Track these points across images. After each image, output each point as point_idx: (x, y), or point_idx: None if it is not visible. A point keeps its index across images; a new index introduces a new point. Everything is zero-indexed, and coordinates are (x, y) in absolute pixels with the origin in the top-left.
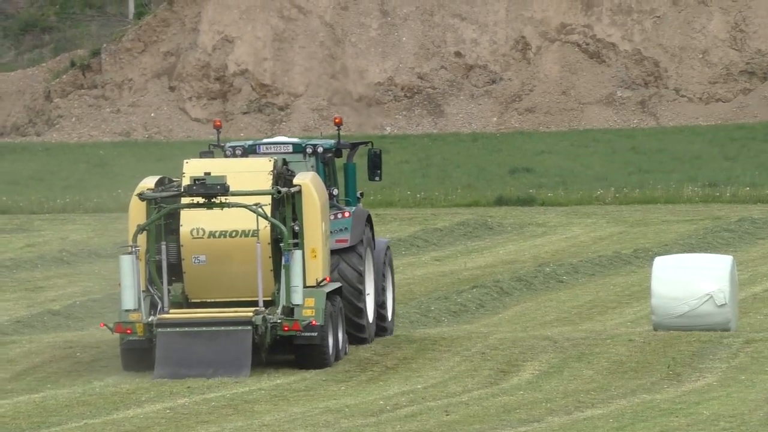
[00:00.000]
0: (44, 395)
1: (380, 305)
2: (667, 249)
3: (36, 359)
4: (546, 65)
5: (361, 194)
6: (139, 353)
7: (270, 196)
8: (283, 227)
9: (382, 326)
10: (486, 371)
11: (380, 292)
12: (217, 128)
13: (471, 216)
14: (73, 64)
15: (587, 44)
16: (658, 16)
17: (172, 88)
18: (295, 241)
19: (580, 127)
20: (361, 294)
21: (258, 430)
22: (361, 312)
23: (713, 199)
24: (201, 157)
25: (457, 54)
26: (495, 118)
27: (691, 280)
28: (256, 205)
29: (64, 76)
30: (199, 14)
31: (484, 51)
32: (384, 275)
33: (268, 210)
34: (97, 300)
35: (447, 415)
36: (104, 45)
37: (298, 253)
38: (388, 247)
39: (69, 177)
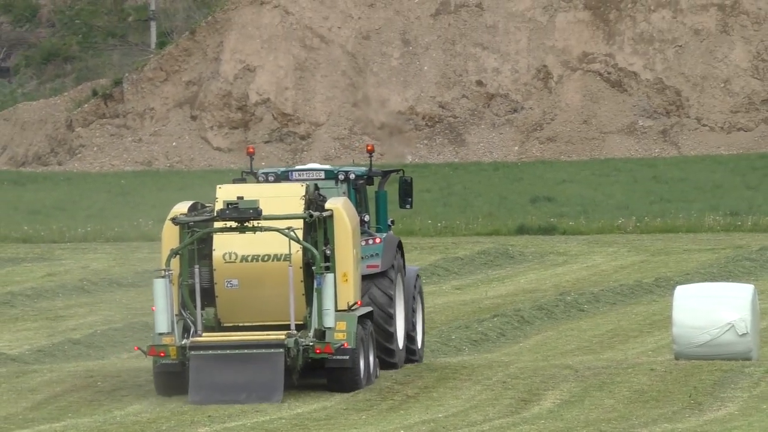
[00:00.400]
0: (65, 424)
1: (410, 332)
2: (688, 278)
3: (57, 388)
4: (567, 94)
5: (392, 222)
6: (173, 377)
7: (302, 221)
8: (314, 250)
9: (411, 350)
10: (507, 400)
11: (410, 319)
12: (251, 155)
13: (492, 245)
14: (95, 94)
15: (609, 73)
16: (680, 45)
17: (193, 118)
18: (327, 264)
19: (601, 156)
20: (391, 318)
21: None
22: (392, 336)
23: (734, 228)
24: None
25: (479, 83)
26: (516, 147)
27: (712, 309)
28: (288, 228)
29: (86, 106)
30: (221, 43)
31: (506, 80)
32: (414, 302)
33: (300, 234)
34: (118, 329)
35: None
36: (126, 74)
37: (330, 277)
38: (418, 276)
39: (90, 206)
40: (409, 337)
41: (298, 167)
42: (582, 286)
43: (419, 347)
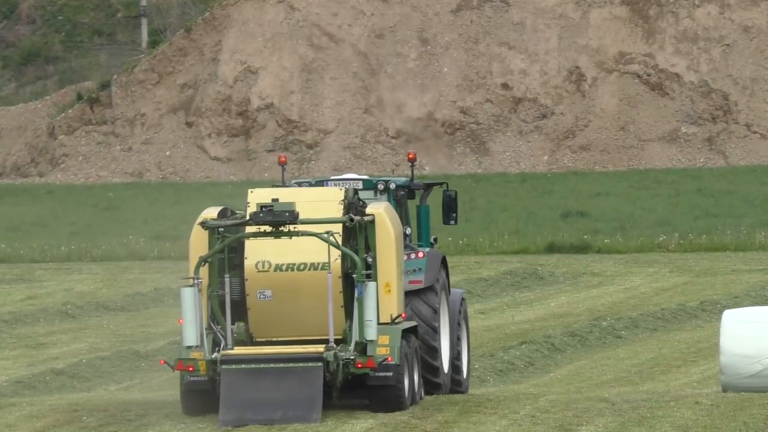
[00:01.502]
0: None
1: (455, 360)
2: (737, 301)
3: (38, 424)
4: (602, 98)
5: (435, 239)
6: (202, 395)
7: (342, 226)
8: (355, 256)
9: (456, 380)
10: None
11: (455, 345)
12: (282, 164)
13: (519, 264)
14: (79, 98)
15: (648, 75)
16: (728, 44)
17: (189, 124)
18: (368, 272)
19: (640, 167)
20: (436, 333)
21: None
22: (437, 352)
23: None
24: None
25: (504, 86)
26: (546, 157)
27: (764, 335)
28: (327, 233)
29: (70, 111)
30: (220, 42)
31: (534, 83)
32: (459, 328)
33: (339, 240)
34: (106, 358)
35: None
36: (114, 76)
37: (371, 285)
38: (463, 299)
39: (75, 222)
40: (454, 366)
41: (333, 177)
42: (619, 310)
43: (464, 377)
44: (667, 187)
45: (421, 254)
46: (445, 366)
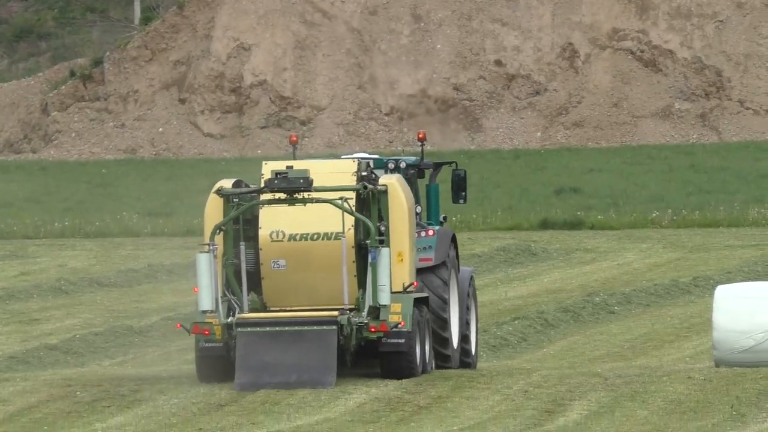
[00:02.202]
0: None
1: (463, 338)
2: (730, 277)
3: (31, 399)
4: (596, 75)
5: (444, 218)
6: (216, 361)
7: (355, 196)
8: (368, 222)
9: (465, 362)
10: (529, 411)
11: (464, 323)
12: (294, 144)
13: (512, 241)
14: (72, 74)
15: (642, 51)
16: (721, 21)
17: (182, 101)
18: (382, 238)
19: (633, 143)
20: (446, 304)
21: None
22: (446, 323)
23: None
24: None
25: (497, 63)
26: (539, 133)
27: (756, 311)
28: (341, 199)
29: (63, 88)
30: (213, 19)
31: (527, 59)
32: (468, 306)
33: (352, 209)
34: (99, 334)
35: None
36: (107, 53)
37: (385, 251)
38: (472, 277)
39: (68, 198)
40: (464, 340)
41: (344, 156)
42: (612, 286)
43: (473, 352)
44: (660, 164)
45: (431, 232)
46: (455, 340)
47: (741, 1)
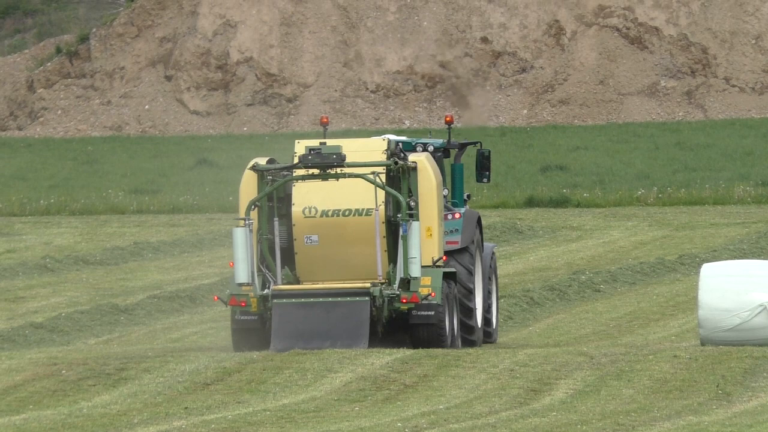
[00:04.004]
0: (26, 417)
1: (486, 310)
2: (715, 255)
3: (17, 377)
4: (582, 52)
5: (468, 196)
6: (251, 333)
7: (385, 173)
8: (399, 196)
9: (487, 332)
10: (515, 390)
11: (486, 296)
12: (324, 125)
13: (498, 218)
14: (58, 51)
15: (628, 29)
16: None
17: (168, 78)
18: (412, 212)
19: (619, 121)
20: (471, 294)
21: None
22: (471, 312)
23: (767, 200)
24: None
25: (484, 40)
26: (525, 111)
27: (742, 289)
28: (372, 173)
29: (49, 64)
30: None
31: (514, 36)
32: (490, 279)
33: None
34: (85, 312)
35: None
36: (93, 30)
37: (416, 224)
38: (493, 253)
39: (54, 175)
40: (485, 319)
41: (373, 138)
42: (598, 264)
43: (494, 327)
44: (646, 141)
45: (458, 215)
46: (479, 322)
47: None
